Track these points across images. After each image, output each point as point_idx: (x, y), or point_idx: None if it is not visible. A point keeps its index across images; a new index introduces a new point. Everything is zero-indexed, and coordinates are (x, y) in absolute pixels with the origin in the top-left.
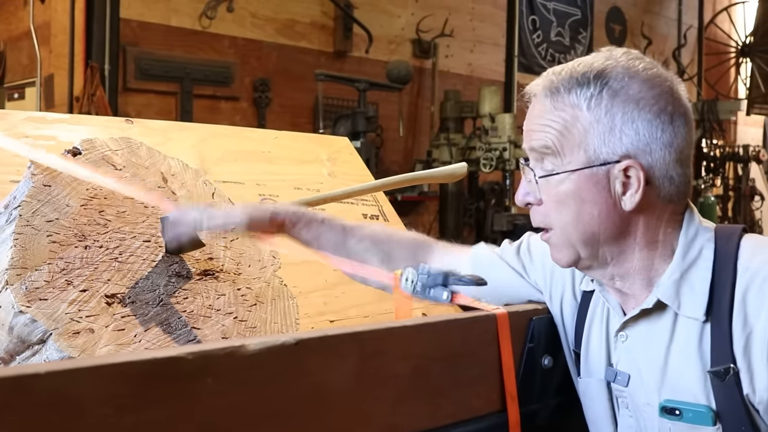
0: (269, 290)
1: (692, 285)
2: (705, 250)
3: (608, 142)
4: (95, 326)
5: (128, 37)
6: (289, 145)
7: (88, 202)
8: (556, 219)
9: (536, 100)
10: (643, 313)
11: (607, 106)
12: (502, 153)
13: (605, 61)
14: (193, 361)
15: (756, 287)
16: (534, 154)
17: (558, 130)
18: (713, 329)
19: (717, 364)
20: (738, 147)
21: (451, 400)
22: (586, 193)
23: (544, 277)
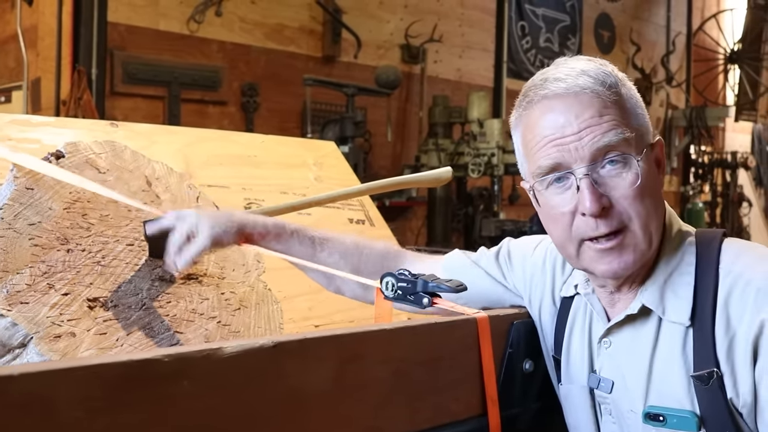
0: (253, 294)
1: (675, 290)
2: (687, 255)
3: (645, 123)
4: (77, 330)
5: (116, 41)
6: (275, 150)
7: (71, 206)
8: (637, 211)
9: (579, 94)
10: (627, 319)
11: (630, 93)
12: (490, 158)
13: (593, 61)
14: (169, 364)
15: (738, 291)
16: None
17: (621, 115)
18: (696, 334)
19: (700, 369)
20: (726, 153)
21: (432, 404)
22: (652, 170)
23: (524, 282)
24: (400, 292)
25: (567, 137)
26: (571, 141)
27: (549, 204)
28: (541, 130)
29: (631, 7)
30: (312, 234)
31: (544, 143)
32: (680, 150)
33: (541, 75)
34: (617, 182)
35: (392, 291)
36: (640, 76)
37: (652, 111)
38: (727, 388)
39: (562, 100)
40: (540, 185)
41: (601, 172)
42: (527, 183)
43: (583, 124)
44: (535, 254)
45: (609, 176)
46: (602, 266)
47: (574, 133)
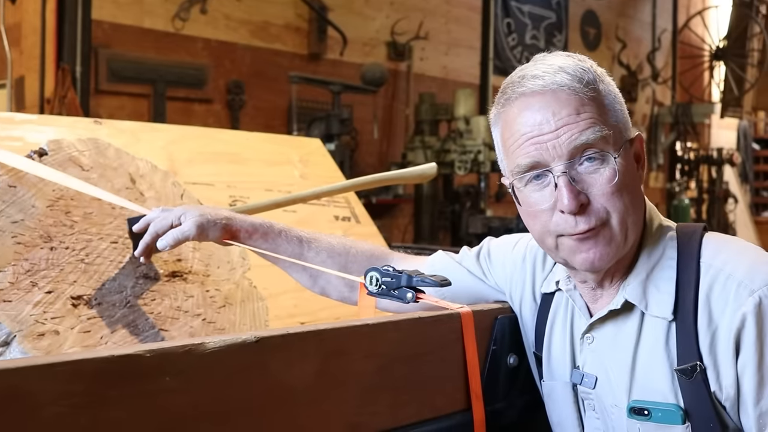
0: (238, 292)
1: (658, 285)
2: (668, 249)
3: (624, 119)
4: (60, 328)
5: (100, 38)
6: (260, 147)
7: (54, 203)
8: (615, 206)
9: (556, 92)
10: (610, 315)
11: (609, 89)
12: (476, 155)
13: (572, 57)
14: (151, 360)
15: (720, 285)
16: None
17: (598, 113)
18: (678, 328)
19: (683, 362)
20: (712, 150)
21: (416, 398)
22: (630, 166)
23: (504, 279)
24: (384, 287)
25: (545, 135)
26: (549, 139)
27: (528, 201)
28: (519, 127)
29: (617, 4)
30: (299, 233)
31: (522, 141)
32: (666, 146)
33: (519, 72)
34: (595, 179)
35: (376, 286)
36: (626, 73)
37: (638, 108)
38: (710, 381)
39: (540, 97)
40: (519, 183)
41: (579, 169)
42: (507, 180)
43: (560, 122)
44: (515, 251)
45: (587, 173)
46: (579, 258)
47: (552, 131)
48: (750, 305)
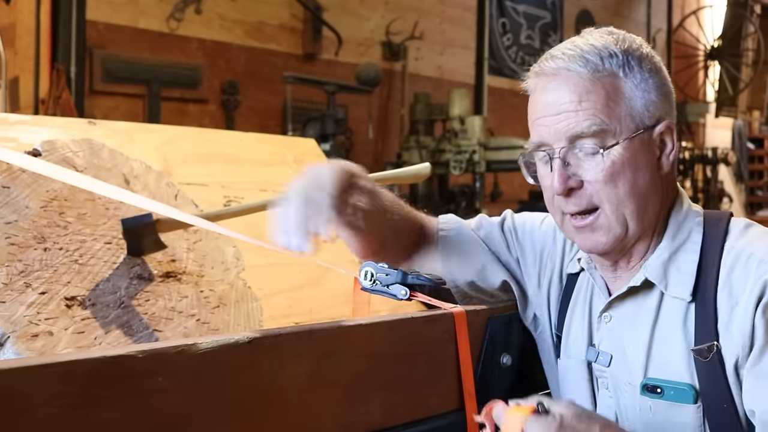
0: (233, 292)
1: (679, 267)
2: (694, 233)
3: (648, 107)
4: (54, 329)
5: (95, 39)
6: (254, 147)
7: (48, 204)
8: (609, 194)
9: (566, 75)
10: (629, 293)
11: (640, 72)
12: (471, 155)
13: (612, 35)
14: (144, 360)
15: (741, 265)
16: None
17: (603, 103)
18: (698, 308)
19: (700, 342)
20: (707, 149)
21: (409, 398)
22: (640, 159)
23: (534, 257)
24: (378, 282)
25: (549, 117)
26: (552, 122)
27: (540, 176)
28: (534, 106)
29: (612, 4)
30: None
31: (534, 119)
32: None
33: (553, 48)
34: (589, 165)
35: (370, 281)
36: None
37: None
38: (725, 360)
39: (552, 78)
40: (537, 157)
41: (578, 154)
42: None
43: (562, 107)
44: (543, 229)
45: (583, 158)
46: (579, 241)
47: (554, 115)
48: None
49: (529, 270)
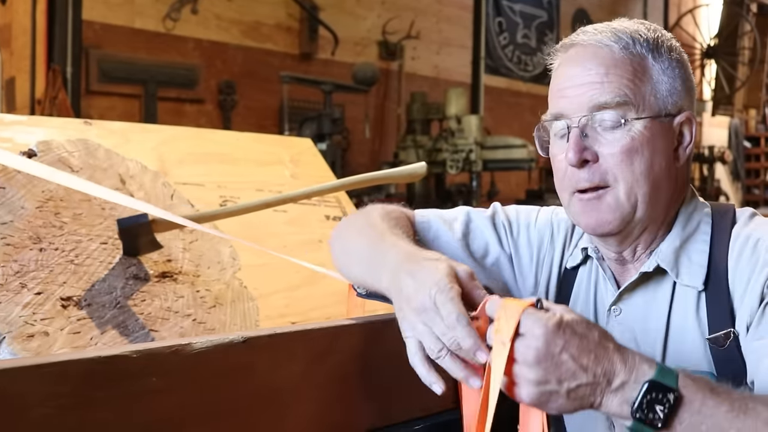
0: (229, 292)
1: (690, 256)
2: (703, 224)
3: (672, 95)
4: (50, 329)
5: (91, 39)
6: (251, 147)
7: (43, 204)
8: (624, 172)
9: (595, 48)
10: (639, 283)
11: (668, 59)
12: (468, 154)
13: (644, 24)
14: (138, 360)
15: (749, 249)
16: (609, 104)
17: (630, 78)
18: (709, 297)
19: (715, 330)
20: (703, 148)
21: (404, 397)
22: (659, 142)
23: (529, 253)
24: None
25: (573, 89)
26: (575, 94)
27: (552, 153)
28: (558, 78)
29: (609, 3)
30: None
31: (556, 90)
32: None
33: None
34: (608, 139)
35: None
36: None
37: None
38: (741, 341)
39: (581, 49)
40: (552, 130)
41: (597, 128)
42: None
43: (588, 77)
44: (539, 224)
45: (602, 132)
46: (582, 219)
47: (579, 85)
48: None
49: (524, 267)
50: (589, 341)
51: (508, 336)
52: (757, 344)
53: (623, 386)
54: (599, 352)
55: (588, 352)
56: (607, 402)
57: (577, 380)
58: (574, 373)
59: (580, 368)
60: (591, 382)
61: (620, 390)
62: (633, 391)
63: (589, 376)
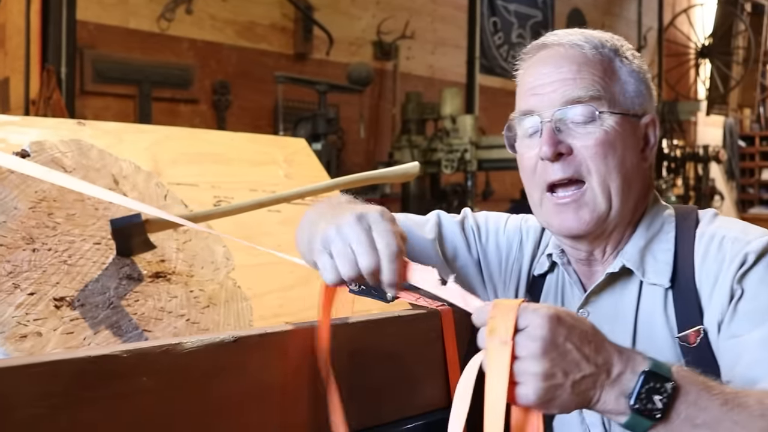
0: (222, 292)
1: (655, 255)
2: (666, 225)
3: (638, 96)
4: (43, 330)
5: (85, 39)
6: (244, 147)
7: (36, 205)
8: (598, 164)
9: (567, 48)
10: (607, 284)
11: (632, 64)
12: (463, 154)
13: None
14: (128, 360)
15: (715, 246)
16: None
17: (601, 76)
18: (677, 294)
19: (684, 328)
20: (698, 147)
21: (396, 397)
22: (629, 139)
23: (497, 259)
24: (364, 286)
25: (545, 86)
26: (547, 91)
27: (521, 152)
28: (528, 77)
29: (603, 3)
30: None
31: (527, 89)
32: None
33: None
34: (581, 133)
35: (356, 285)
36: None
37: None
38: (711, 339)
39: (552, 50)
40: (519, 129)
41: (569, 123)
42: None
43: (559, 75)
44: (508, 230)
45: (575, 127)
46: (558, 220)
47: (550, 83)
48: (750, 247)
49: (493, 273)
50: (586, 331)
51: (508, 334)
52: (733, 342)
53: (620, 377)
54: (597, 340)
55: (588, 342)
56: (604, 396)
57: (581, 371)
58: (578, 364)
59: (584, 357)
60: (593, 372)
61: (617, 382)
62: (630, 381)
63: (592, 366)
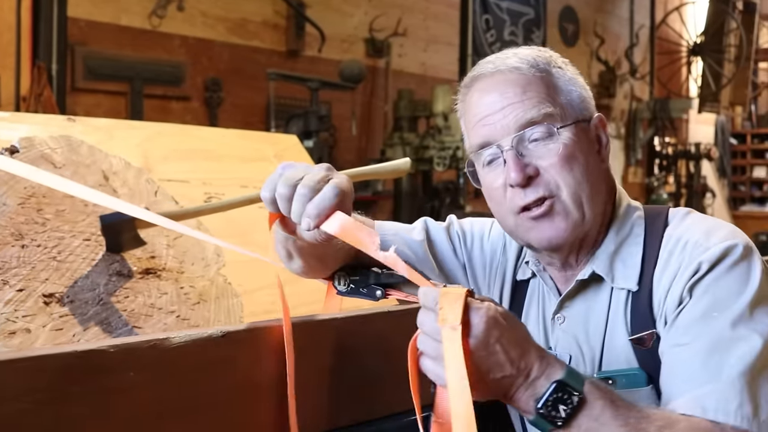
0: (213, 288)
1: (624, 260)
2: (636, 227)
3: (582, 101)
4: (32, 326)
5: (76, 36)
6: (235, 143)
7: (25, 201)
8: (566, 178)
9: (504, 73)
10: (579, 290)
11: (567, 73)
12: (455, 152)
13: (532, 49)
14: (115, 355)
15: (678, 250)
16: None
17: (545, 92)
18: (634, 297)
19: (637, 331)
20: (690, 145)
21: (387, 392)
22: (585, 145)
23: (482, 265)
24: (353, 285)
25: (494, 114)
26: (498, 119)
27: (486, 183)
28: (474, 110)
29: (595, 0)
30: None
31: (475, 122)
32: (644, 142)
33: (477, 64)
34: (543, 152)
35: (345, 285)
36: (604, 68)
37: (616, 103)
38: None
39: (491, 79)
40: (478, 164)
41: (529, 146)
42: (469, 167)
43: (506, 100)
44: (493, 235)
45: (535, 147)
46: (536, 234)
47: (500, 110)
48: (706, 255)
49: (478, 277)
50: (518, 335)
51: (457, 320)
52: (669, 350)
53: (535, 382)
54: (525, 346)
55: (516, 346)
56: (518, 395)
57: (503, 372)
58: (502, 365)
59: (508, 360)
60: (513, 374)
61: (532, 385)
62: (542, 387)
63: (513, 369)
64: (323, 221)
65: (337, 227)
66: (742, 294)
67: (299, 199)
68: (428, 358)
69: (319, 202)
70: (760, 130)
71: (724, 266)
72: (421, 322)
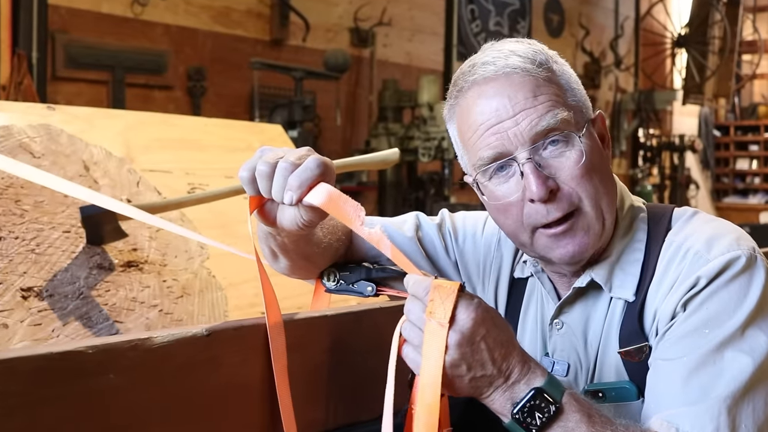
0: (197, 281)
1: (624, 267)
2: (638, 232)
3: (585, 99)
4: (9, 321)
5: (57, 24)
6: (219, 133)
7: (3, 192)
8: (586, 190)
9: (508, 75)
10: (578, 297)
11: (563, 69)
12: (440, 142)
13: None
14: (94, 356)
15: (678, 259)
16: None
17: (556, 93)
18: (629, 308)
19: (627, 344)
20: (674, 137)
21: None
22: (596, 147)
23: (475, 262)
24: (342, 281)
25: (504, 122)
26: (509, 126)
27: (495, 195)
28: (476, 117)
29: None
30: None
31: (482, 132)
32: (629, 133)
33: (469, 61)
34: (562, 162)
35: (334, 282)
36: (589, 59)
37: (600, 94)
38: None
39: (493, 83)
40: (483, 177)
41: (544, 154)
42: (470, 177)
43: (517, 106)
44: (486, 232)
45: (552, 157)
46: (558, 252)
47: (510, 117)
48: (704, 270)
49: (471, 275)
50: (504, 336)
51: (446, 318)
52: (657, 363)
53: (514, 386)
54: (509, 348)
55: (501, 346)
56: (494, 396)
57: (484, 371)
58: (484, 364)
59: (490, 360)
60: (493, 374)
61: (510, 389)
62: (521, 392)
63: (494, 369)
64: (306, 193)
65: (322, 197)
66: (737, 310)
67: (281, 173)
68: (410, 346)
69: (301, 172)
70: (744, 122)
71: (723, 280)
72: (408, 310)
